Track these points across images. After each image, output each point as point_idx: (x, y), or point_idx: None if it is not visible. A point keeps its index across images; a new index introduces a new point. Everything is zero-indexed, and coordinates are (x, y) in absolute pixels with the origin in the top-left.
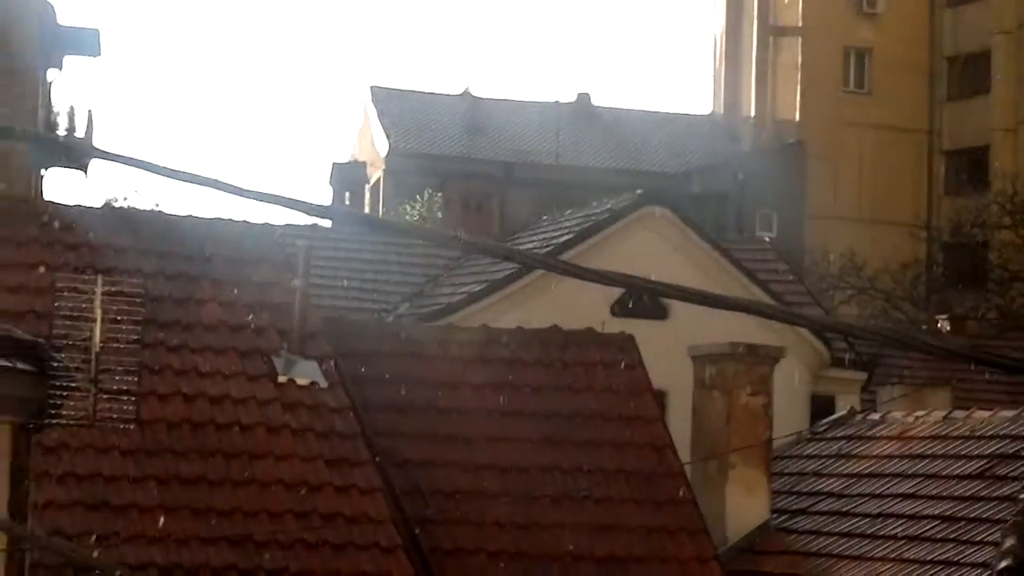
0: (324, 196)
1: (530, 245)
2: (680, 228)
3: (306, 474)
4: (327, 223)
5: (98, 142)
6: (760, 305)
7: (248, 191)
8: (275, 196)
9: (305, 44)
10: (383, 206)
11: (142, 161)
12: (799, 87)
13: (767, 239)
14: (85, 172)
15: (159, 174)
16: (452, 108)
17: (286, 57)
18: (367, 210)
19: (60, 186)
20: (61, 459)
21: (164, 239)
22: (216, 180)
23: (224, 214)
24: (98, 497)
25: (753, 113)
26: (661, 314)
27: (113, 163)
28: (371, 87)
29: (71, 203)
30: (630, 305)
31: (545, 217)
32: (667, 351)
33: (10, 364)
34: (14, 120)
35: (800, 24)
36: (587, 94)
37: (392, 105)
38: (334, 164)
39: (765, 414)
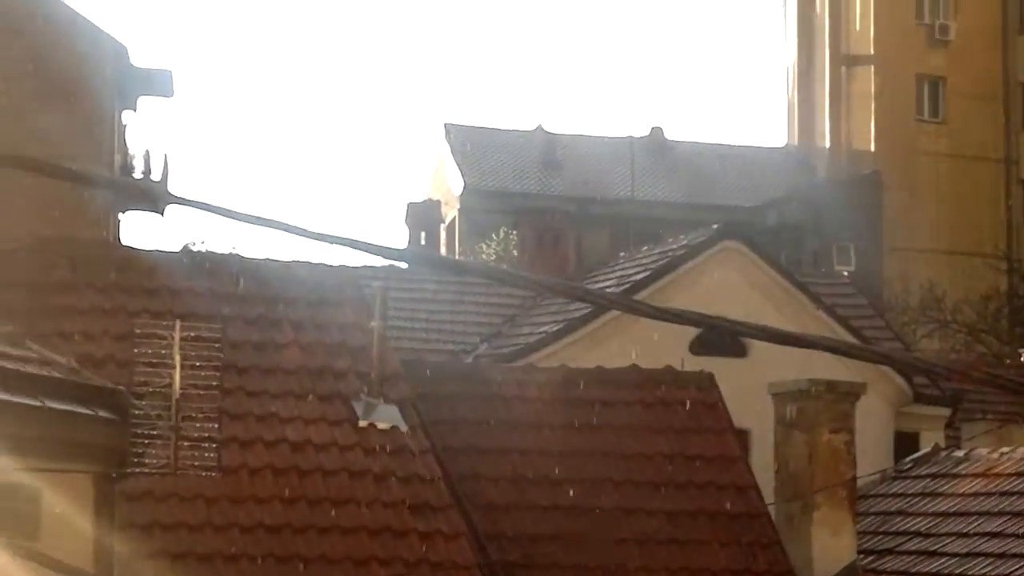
0: (399, 236)
1: (607, 282)
2: (757, 263)
3: (389, 520)
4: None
5: (174, 185)
6: (840, 343)
7: (323, 235)
8: (350, 240)
9: (378, 83)
10: (459, 245)
11: (216, 207)
12: (873, 117)
13: (845, 272)
14: (162, 215)
15: (232, 219)
16: (526, 144)
17: (359, 97)
18: (443, 249)
19: (137, 229)
20: (145, 508)
21: (242, 283)
22: (290, 224)
23: (301, 256)
24: (183, 546)
25: (827, 144)
26: (740, 351)
27: (189, 208)
28: (445, 125)
29: (149, 247)
30: (707, 342)
31: (622, 254)
32: (747, 389)
33: (91, 412)
34: (90, 164)
35: (872, 53)
36: (660, 128)
37: (466, 142)
38: (409, 203)
39: (848, 452)
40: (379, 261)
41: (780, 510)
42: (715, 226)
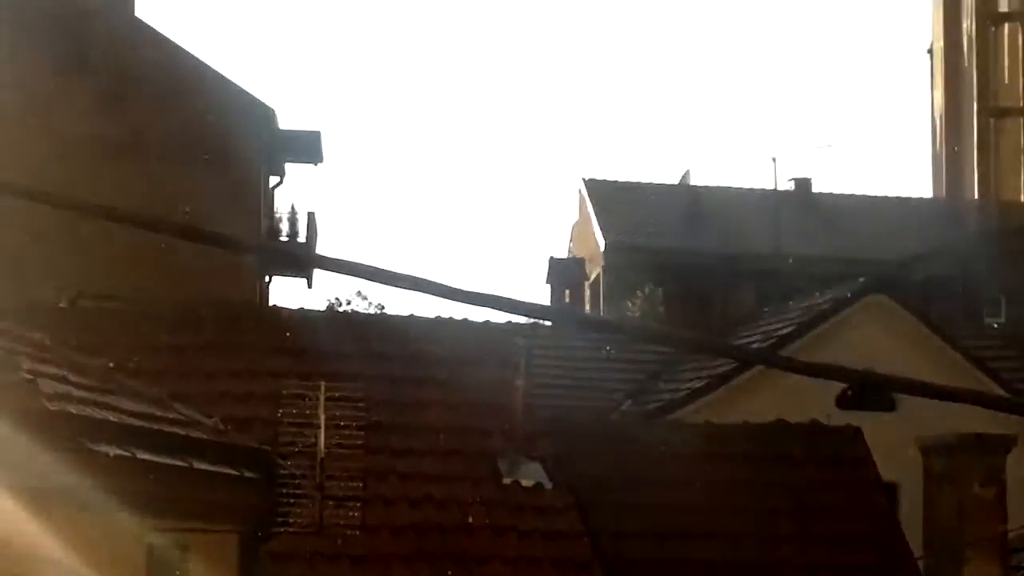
0: (541, 293)
1: (753, 338)
2: (903, 316)
3: None
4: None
5: (320, 247)
6: (991, 397)
7: (466, 293)
8: (496, 298)
9: (517, 139)
10: (603, 302)
11: (359, 266)
12: (1022, 168)
13: (995, 325)
14: (309, 280)
15: (378, 281)
16: (670, 199)
17: (500, 153)
18: (587, 306)
19: (285, 291)
20: (290, 568)
21: (387, 342)
22: (434, 283)
23: (446, 314)
24: None
25: (976, 196)
26: (888, 405)
27: (336, 272)
28: (586, 180)
29: (295, 308)
30: (854, 396)
31: (767, 309)
32: (896, 443)
33: (237, 473)
34: (238, 227)
35: (1021, 105)
36: (807, 180)
37: (609, 198)
38: (551, 259)
39: (999, 505)
40: (523, 318)
41: (929, 565)
42: (861, 280)
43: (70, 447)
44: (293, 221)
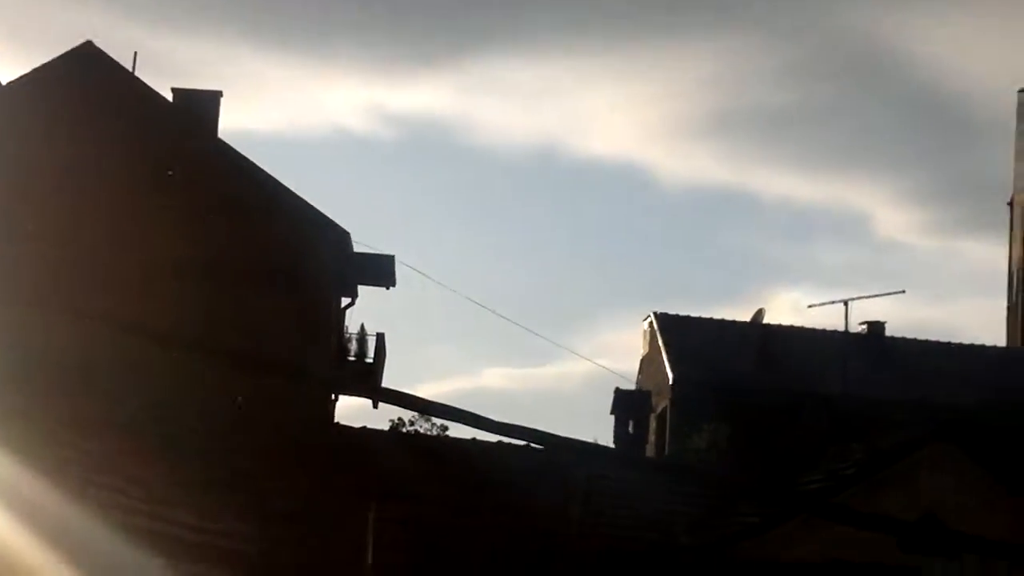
0: (607, 423)
1: (815, 477)
2: (972, 466)
3: None
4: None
5: (387, 368)
6: None
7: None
8: (553, 436)
9: (588, 267)
10: (668, 435)
11: (421, 401)
12: None
13: None
14: (375, 401)
15: (434, 415)
16: (741, 336)
17: (570, 280)
18: (652, 438)
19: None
20: None
21: (446, 464)
22: (487, 420)
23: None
24: None
25: None
26: (953, 554)
27: (395, 405)
28: (657, 313)
29: (358, 428)
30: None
31: (832, 449)
32: None
33: None
34: (309, 348)
35: None
36: (880, 323)
37: (679, 332)
38: (617, 390)
39: None
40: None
41: None
42: (929, 425)
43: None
44: (362, 341)
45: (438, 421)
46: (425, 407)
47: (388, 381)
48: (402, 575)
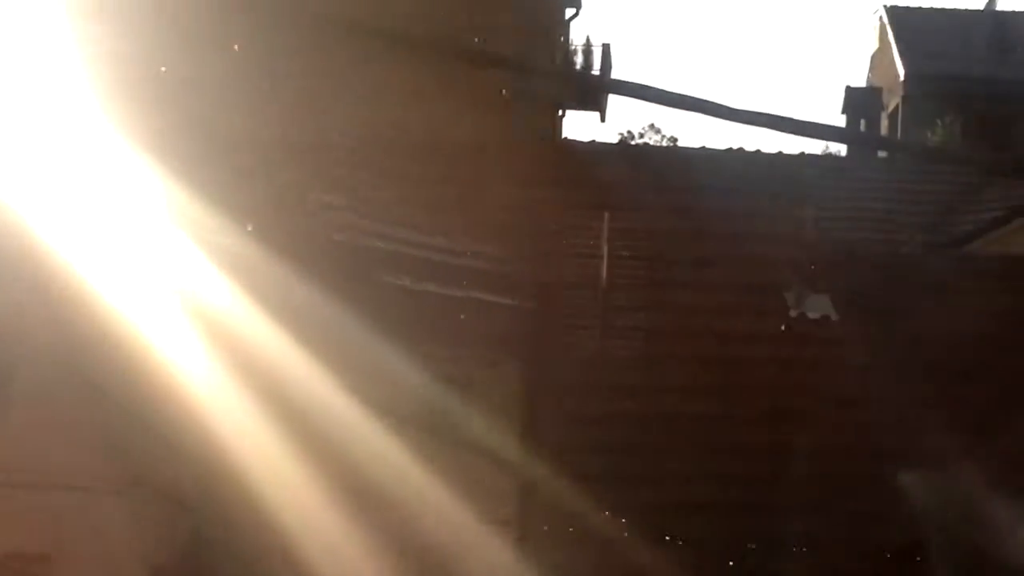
0: (837, 123)
1: None
2: None
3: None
4: (840, 151)
5: (614, 78)
6: None
7: (757, 115)
8: (785, 119)
9: None
10: (900, 133)
11: (649, 89)
12: None
13: None
14: (602, 114)
15: (664, 103)
16: (975, 25)
17: None
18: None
19: (578, 125)
20: (569, 399)
21: (676, 173)
22: (722, 105)
23: (737, 145)
24: (608, 439)
25: None
26: None
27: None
28: (887, 6)
29: (587, 141)
30: None
31: None
32: None
33: (514, 303)
34: (534, 59)
35: None
36: None
37: (910, 25)
38: (847, 88)
39: None
40: (816, 148)
41: None
42: None
43: (359, 278)
44: (588, 53)
45: (668, 133)
46: (658, 97)
47: (613, 97)
48: (634, 286)
